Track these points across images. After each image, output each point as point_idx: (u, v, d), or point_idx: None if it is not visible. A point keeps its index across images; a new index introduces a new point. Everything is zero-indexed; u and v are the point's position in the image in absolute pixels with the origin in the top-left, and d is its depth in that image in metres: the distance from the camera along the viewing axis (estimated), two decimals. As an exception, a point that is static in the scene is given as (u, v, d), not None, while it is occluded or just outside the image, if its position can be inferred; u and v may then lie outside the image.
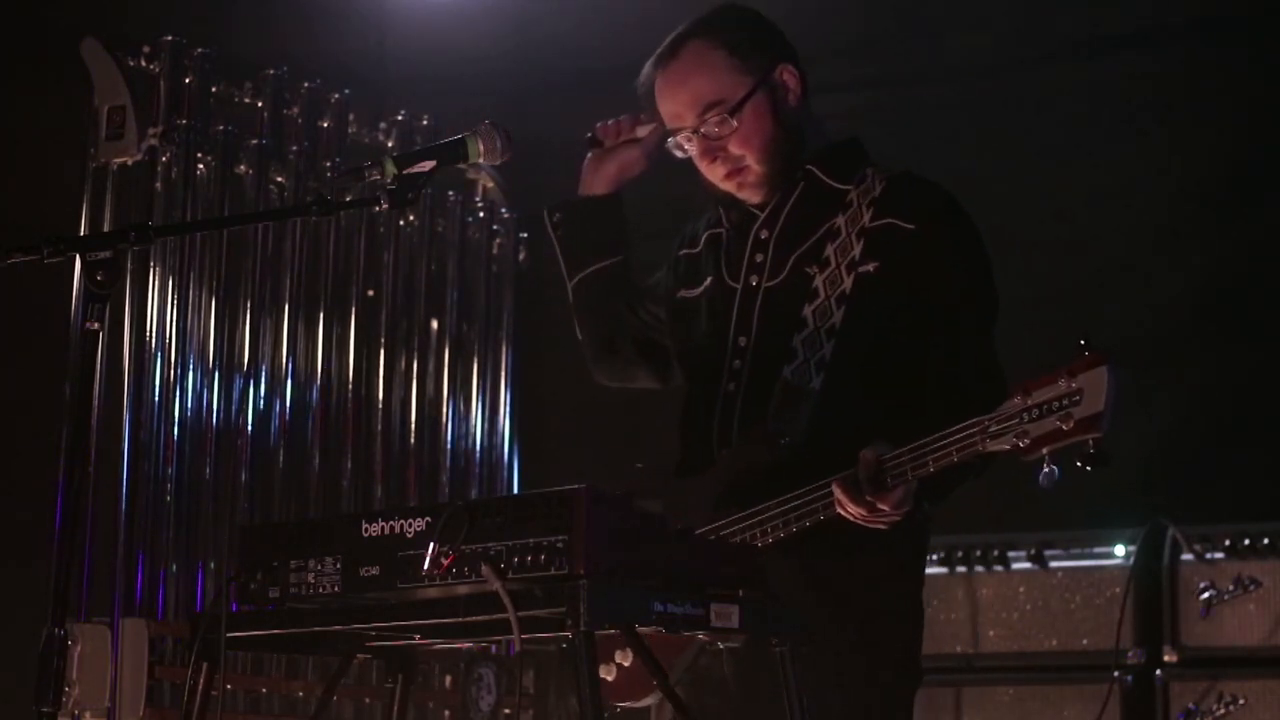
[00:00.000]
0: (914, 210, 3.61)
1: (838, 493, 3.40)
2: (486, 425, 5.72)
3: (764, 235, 3.71)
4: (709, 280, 3.77)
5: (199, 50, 5.01)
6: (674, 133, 3.72)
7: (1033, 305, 5.81)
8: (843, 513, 3.42)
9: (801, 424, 3.55)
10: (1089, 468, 3.22)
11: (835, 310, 3.59)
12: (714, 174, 3.71)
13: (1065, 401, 3.23)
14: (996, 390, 3.42)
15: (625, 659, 3.56)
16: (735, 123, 3.64)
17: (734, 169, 3.68)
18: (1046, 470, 3.24)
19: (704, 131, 3.66)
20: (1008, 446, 3.26)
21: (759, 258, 3.70)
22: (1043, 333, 5.79)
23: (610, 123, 3.90)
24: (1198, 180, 5.71)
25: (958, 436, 3.31)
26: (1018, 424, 3.25)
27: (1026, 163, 5.82)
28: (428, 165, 3.37)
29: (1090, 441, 3.22)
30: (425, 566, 3.02)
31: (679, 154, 3.74)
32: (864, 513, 3.40)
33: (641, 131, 3.85)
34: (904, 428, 3.40)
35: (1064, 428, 3.22)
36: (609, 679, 3.60)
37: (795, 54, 3.75)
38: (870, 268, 3.59)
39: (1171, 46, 5.78)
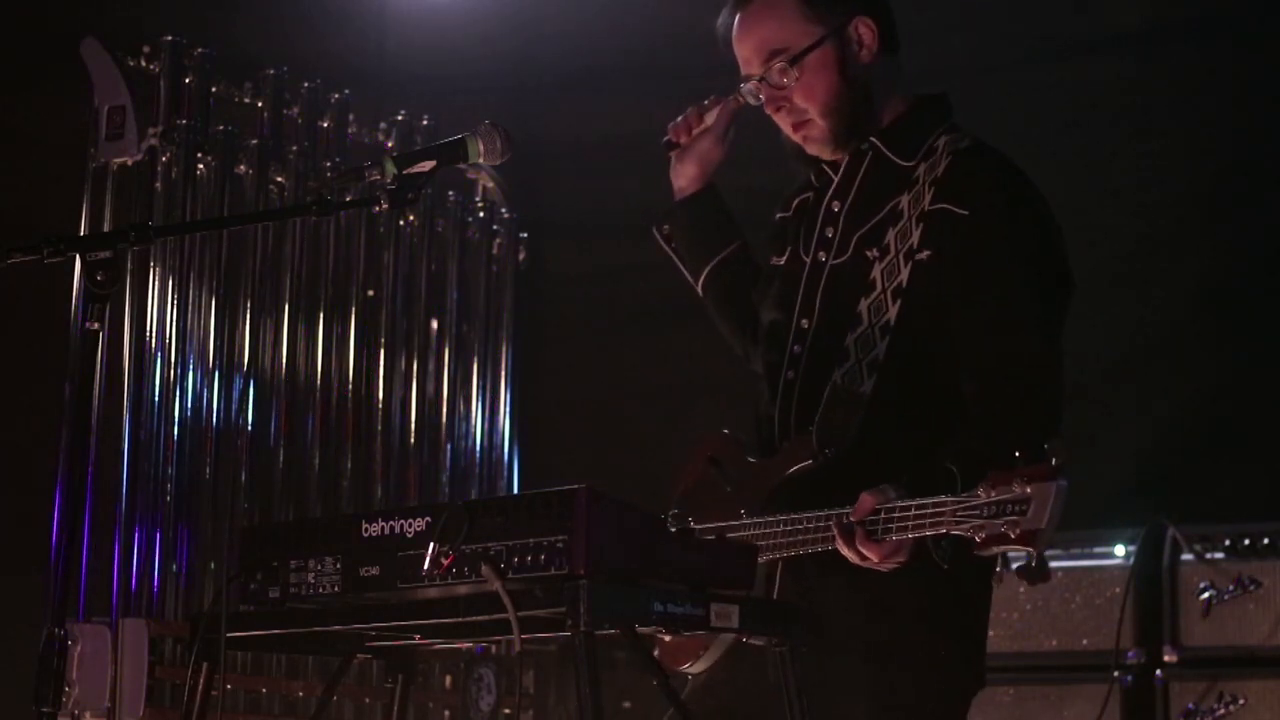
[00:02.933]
0: (969, 194, 3.47)
1: (835, 529, 3.28)
2: (486, 425, 5.71)
3: (836, 208, 3.61)
4: (789, 250, 3.69)
5: (199, 50, 5.01)
6: (746, 79, 3.65)
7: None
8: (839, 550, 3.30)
9: (850, 432, 3.44)
10: (1026, 583, 3.15)
11: (890, 305, 3.47)
12: (783, 125, 3.64)
13: (1014, 508, 3.11)
14: (1031, 408, 3.36)
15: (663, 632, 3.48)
16: (797, 72, 3.56)
17: (799, 121, 3.60)
18: (997, 570, 3.15)
19: (768, 79, 3.59)
20: (964, 534, 3.15)
21: (829, 232, 3.60)
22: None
23: (679, 120, 3.83)
24: (1197, 180, 5.71)
25: (942, 510, 3.18)
26: (977, 517, 3.14)
27: (1024, 163, 5.81)
28: (428, 165, 3.36)
29: (1029, 554, 3.14)
30: (425, 566, 3.02)
31: (752, 101, 3.66)
32: (854, 556, 3.28)
33: (710, 119, 3.79)
34: (950, 443, 3.29)
35: (1010, 535, 3.10)
36: (666, 639, 3.54)
37: (882, 7, 3.63)
38: (924, 256, 3.46)
39: (1170, 47, 5.78)
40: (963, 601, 3.54)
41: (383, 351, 5.45)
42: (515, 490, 5.74)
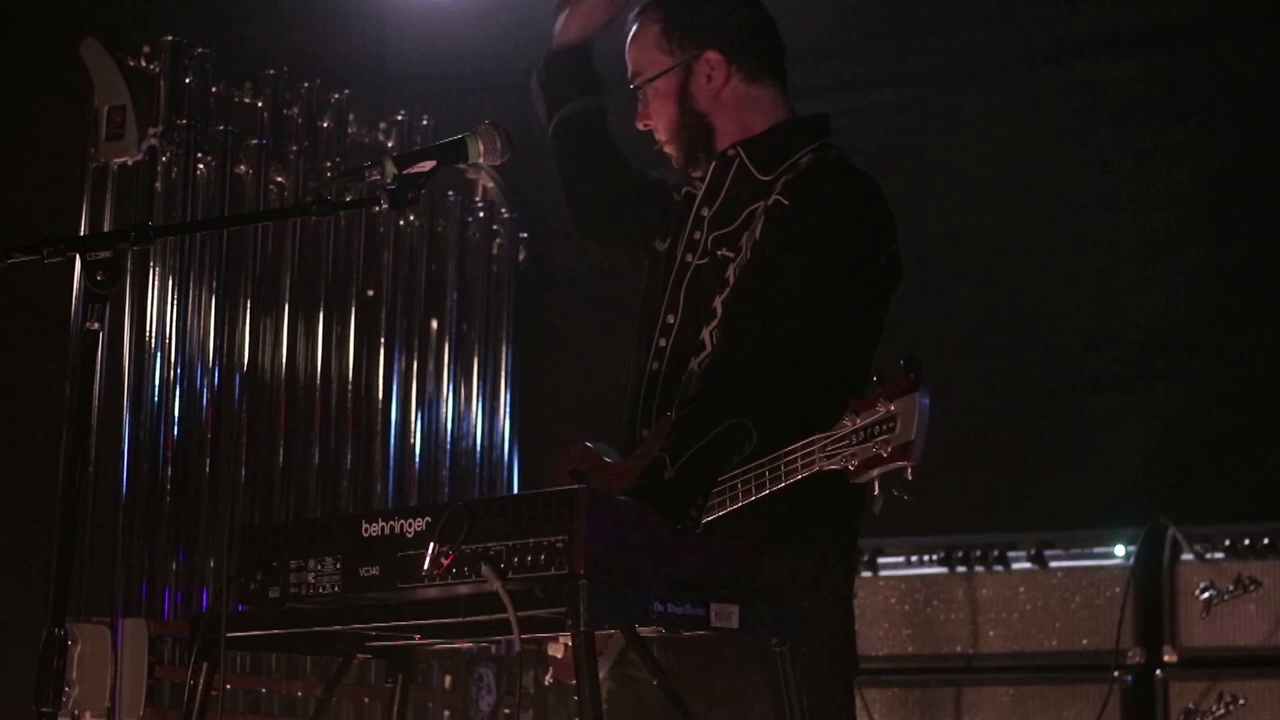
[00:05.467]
0: (801, 190, 3.62)
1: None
2: (486, 425, 5.71)
3: (704, 213, 3.75)
4: (669, 241, 3.83)
5: (199, 50, 5.00)
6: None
7: (1031, 305, 5.81)
8: None
9: None
10: (906, 497, 3.18)
11: None
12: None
13: (882, 427, 3.19)
14: (715, 388, 3.46)
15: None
16: (648, 96, 3.79)
17: (657, 138, 3.83)
18: (876, 494, 3.20)
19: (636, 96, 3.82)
20: (836, 467, 3.23)
21: (696, 235, 3.75)
22: (1042, 332, 5.82)
23: None
24: (1197, 180, 5.70)
25: (811, 449, 3.28)
26: (847, 446, 3.22)
27: (1025, 163, 5.82)
28: (428, 165, 3.37)
29: (908, 470, 3.17)
30: (425, 566, 3.02)
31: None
32: None
33: None
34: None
35: (882, 454, 3.18)
36: (558, 656, 3.59)
37: (744, 43, 3.77)
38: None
39: (1169, 46, 5.77)
40: (838, 594, 3.63)
41: (383, 351, 5.45)
42: (515, 490, 5.74)
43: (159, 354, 4.90)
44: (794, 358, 3.49)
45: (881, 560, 5.32)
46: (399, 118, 5.54)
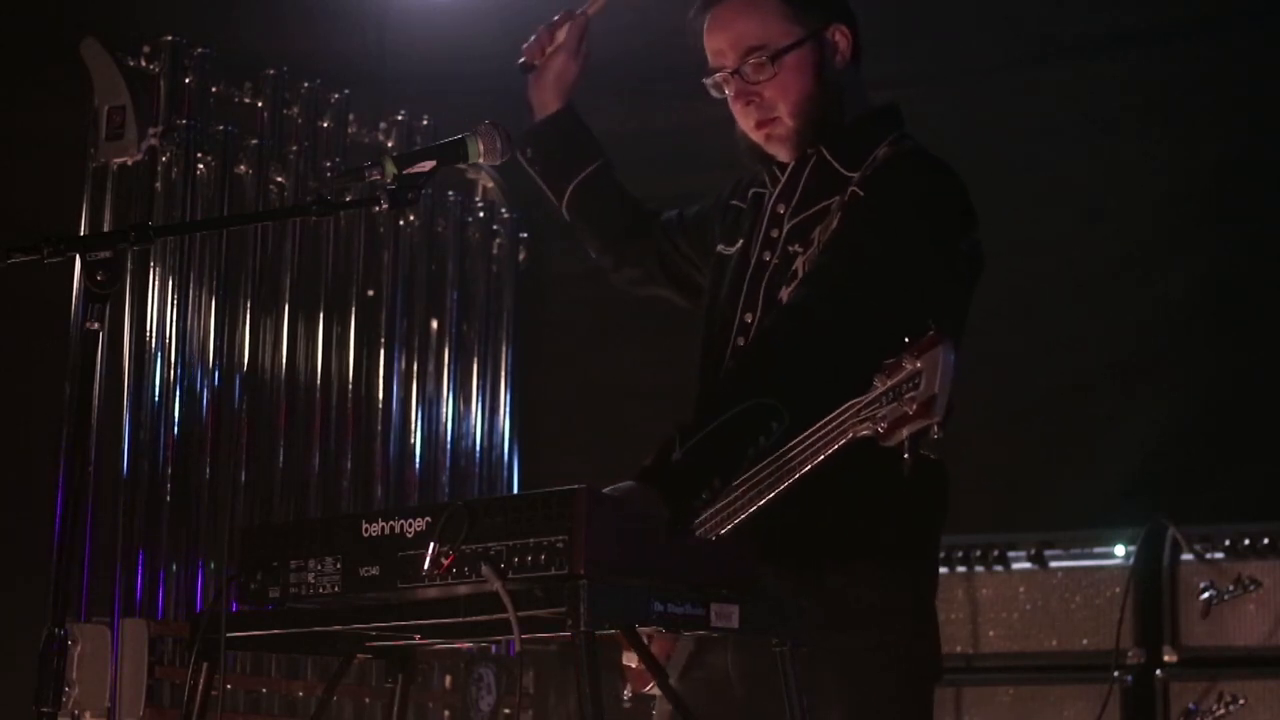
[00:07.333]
0: (876, 181, 3.53)
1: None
2: (486, 425, 5.71)
3: (781, 210, 3.65)
4: (741, 243, 3.72)
5: (199, 50, 5.01)
6: (714, 71, 3.65)
7: (1031, 305, 5.82)
8: None
9: None
10: (932, 456, 3.10)
11: None
12: (746, 120, 3.65)
13: (909, 384, 3.11)
14: (757, 370, 3.36)
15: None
16: (774, 70, 3.59)
17: (765, 118, 3.62)
18: (905, 457, 3.12)
19: (742, 73, 3.61)
20: (868, 432, 3.15)
21: (774, 233, 3.65)
22: (1042, 333, 5.82)
23: (532, 41, 3.94)
24: (1197, 179, 5.71)
25: (844, 417, 3.20)
26: (879, 407, 3.14)
27: (1025, 163, 5.82)
28: (428, 165, 3.37)
29: (934, 427, 3.09)
30: (425, 566, 3.02)
31: (715, 94, 3.68)
32: None
33: (561, 36, 3.90)
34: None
35: (908, 412, 3.09)
36: (632, 665, 3.58)
37: (853, 18, 3.69)
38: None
39: (1169, 46, 5.78)
40: (920, 597, 3.60)
41: (383, 351, 5.45)
42: (515, 490, 5.74)
43: (159, 354, 4.90)
44: (839, 342, 3.38)
45: (881, 560, 5.32)
46: (399, 118, 5.54)
